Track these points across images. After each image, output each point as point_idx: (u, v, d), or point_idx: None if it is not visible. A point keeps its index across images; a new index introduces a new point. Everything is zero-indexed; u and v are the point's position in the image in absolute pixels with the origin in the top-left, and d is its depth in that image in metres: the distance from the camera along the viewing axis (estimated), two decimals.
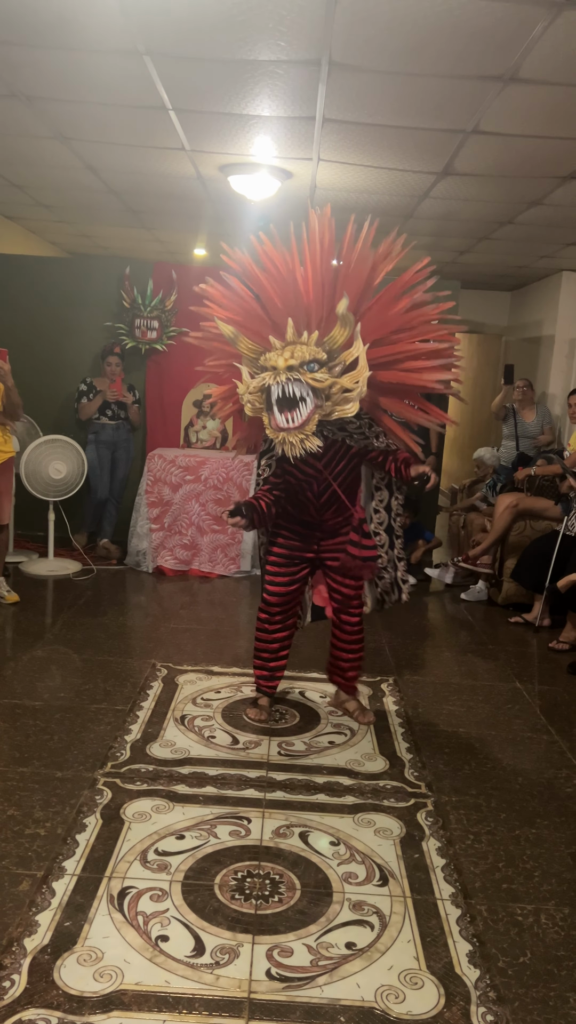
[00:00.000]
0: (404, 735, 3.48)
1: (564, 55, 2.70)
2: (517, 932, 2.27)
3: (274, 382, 2.88)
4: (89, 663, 4.14)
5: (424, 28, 2.57)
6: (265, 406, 2.97)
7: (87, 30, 2.76)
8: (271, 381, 2.89)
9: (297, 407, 2.89)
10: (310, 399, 2.90)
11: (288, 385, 2.87)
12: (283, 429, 2.92)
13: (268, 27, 2.65)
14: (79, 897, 2.30)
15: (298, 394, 2.88)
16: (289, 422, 2.90)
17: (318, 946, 2.16)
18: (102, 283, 6.81)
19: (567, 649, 4.71)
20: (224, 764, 3.13)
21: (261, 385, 2.93)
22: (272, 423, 2.95)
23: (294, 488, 3.29)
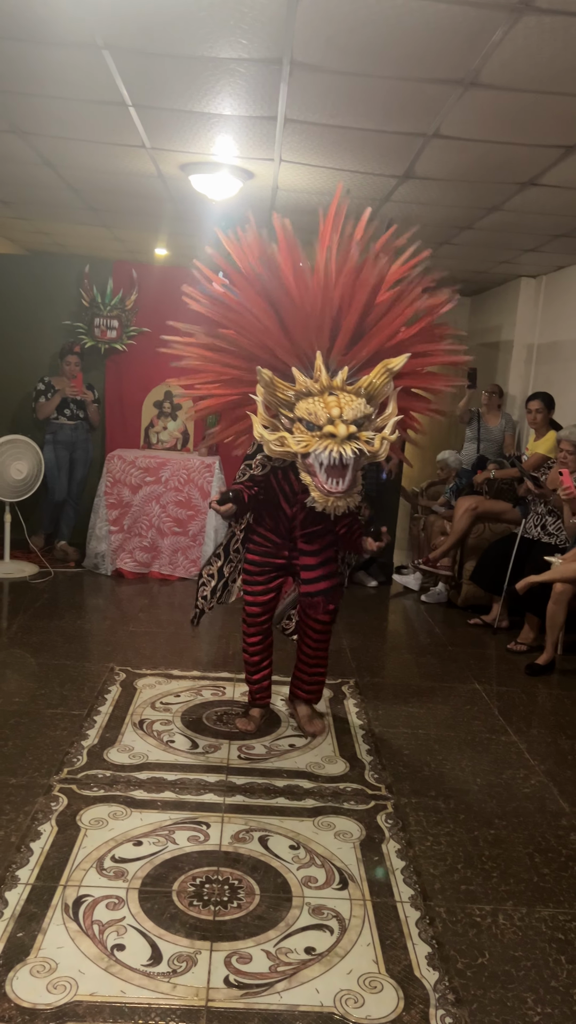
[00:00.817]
0: (364, 737, 3.48)
1: (524, 60, 2.72)
2: (475, 933, 2.27)
3: (333, 450, 2.65)
4: (45, 667, 4.06)
5: (385, 30, 2.57)
6: (300, 461, 2.78)
7: (44, 22, 2.71)
8: (328, 448, 2.65)
9: (348, 470, 2.72)
10: (354, 463, 2.72)
11: (345, 455, 2.65)
12: (333, 494, 2.73)
13: (229, 24, 2.63)
14: (32, 907, 2.24)
15: (351, 460, 2.69)
16: (338, 486, 2.72)
17: (277, 952, 2.14)
18: (61, 281, 6.72)
19: (525, 650, 4.76)
20: (183, 769, 3.09)
21: (312, 448, 2.69)
22: (317, 486, 2.75)
23: (273, 496, 3.20)
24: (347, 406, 2.69)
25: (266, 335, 2.85)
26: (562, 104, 3.08)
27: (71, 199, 5.17)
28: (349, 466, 2.71)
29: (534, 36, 2.55)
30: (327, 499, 2.76)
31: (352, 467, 2.72)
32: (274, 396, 2.76)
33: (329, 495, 2.74)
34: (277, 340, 2.84)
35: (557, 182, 4.06)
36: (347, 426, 2.65)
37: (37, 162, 4.36)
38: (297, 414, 2.74)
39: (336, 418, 2.66)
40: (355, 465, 2.73)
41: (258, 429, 2.81)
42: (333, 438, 2.65)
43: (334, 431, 2.64)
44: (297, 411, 2.74)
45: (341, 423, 2.65)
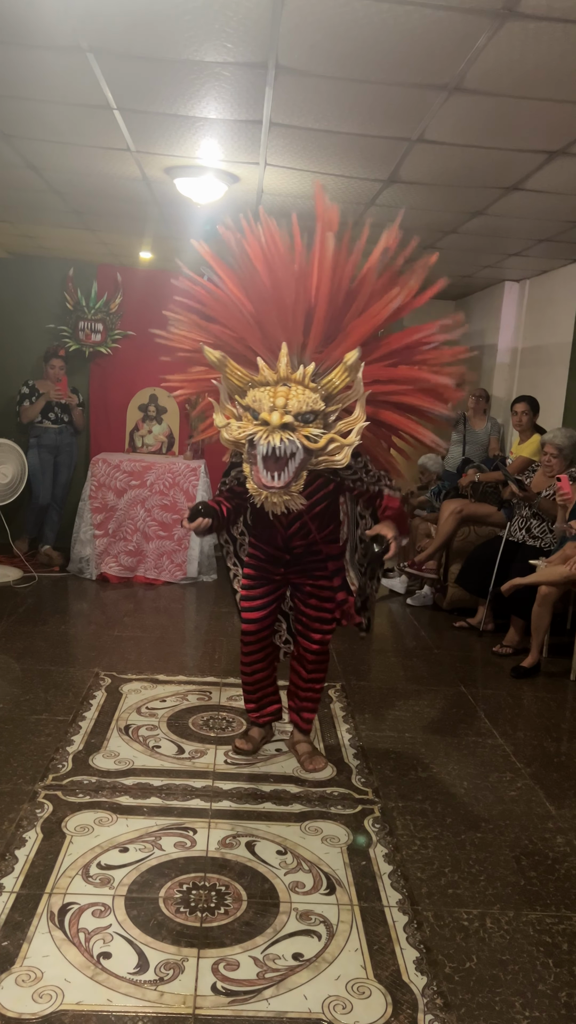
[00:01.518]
0: (351, 741, 3.47)
1: (507, 66, 2.73)
2: (463, 937, 2.27)
3: (263, 440, 2.53)
4: (29, 673, 4.03)
5: (370, 34, 2.58)
6: (246, 454, 2.65)
7: (28, 25, 2.69)
8: (261, 437, 2.54)
9: (286, 466, 2.56)
10: (300, 454, 2.56)
11: (279, 443, 2.52)
12: (267, 487, 2.58)
13: (214, 28, 2.62)
14: (17, 915, 2.22)
15: (288, 451, 2.54)
16: (275, 480, 2.56)
17: (265, 958, 2.13)
18: (45, 285, 6.69)
19: (510, 653, 4.77)
20: (169, 774, 3.08)
21: (246, 437, 2.60)
22: (254, 478, 2.62)
23: (261, 511, 2.95)
24: (294, 398, 2.54)
25: (243, 325, 2.75)
26: (546, 109, 3.10)
27: (55, 202, 5.14)
28: (289, 460, 2.54)
29: (518, 42, 2.56)
30: (260, 493, 2.62)
31: (295, 462, 2.55)
32: (227, 381, 2.64)
33: (264, 488, 2.59)
34: (250, 330, 2.73)
35: (541, 187, 4.08)
36: (281, 415, 2.50)
37: (21, 165, 4.33)
38: (246, 402, 2.63)
39: (278, 407, 2.52)
40: (300, 460, 2.56)
41: (217, 417, 2.70)
42: (267, 426, 2.52)
43: (267, 418, 2.51)
44: (246, 399, 2.63)
45: (276, 412, 2.51)
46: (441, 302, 9.10)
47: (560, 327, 6.15)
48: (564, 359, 5.99)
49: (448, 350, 2.83)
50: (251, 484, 2.65)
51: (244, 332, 2.74)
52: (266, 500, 2.64)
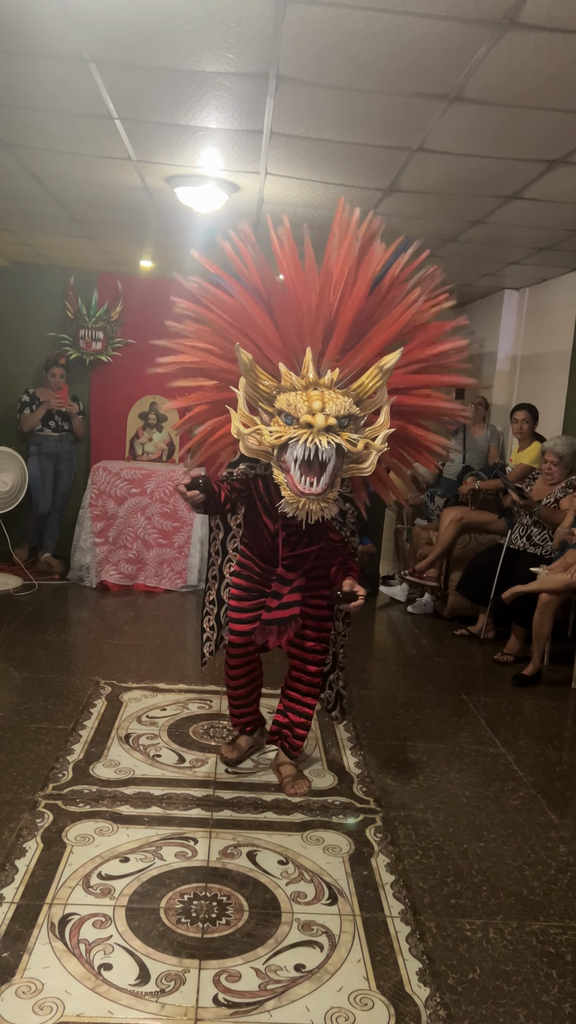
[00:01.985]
0: (352, 750, 3.46)
1: (507, 76, 2.75)
2: (466, 948, 2.25)
3: (307, 442, 2.43)
4: (29, 681, 4.02)
5: (371, 45, 2.59)
6: (276, 457, 2.56)
7: (30, 35, 2.71)
8: (303, 440, 2.44)
9: (324, 470, 2.48)
10: (333, 460, 2.49)
11: (326, 446, 2.43)
12: (304, 494, 2.49)
13: (216, 39, 2.63)
14: (18, 926, 2.21)
15: (328, 456, 2.46)
16: (312, 486, 2.48)
17: (266, 969, 2.12)
18: (45, 293, 6.70)
19: (511, 661, 4.76)
20: (170, 783, 3.06)
21: (286, 439, 2.49)
22: (290, 485, 2.51)
23: (254, 511, 2.93)
24: (331, 401, 2.48)
25: (256, 332, 2.66)
26: (545, 119, 3.11)
27: (56, 211, 5.16)
28: (327, 464, 2.48)
29: (518, 52, 2.57)
30: (298, 500, 2.52)
31: (331, 467, 2.50)
32: (254, 387, 2.55)
33: (301, 495, 2.50)
34: (267, 338, 2.65)
35: (540, 196, 4.09)
36: (326, 417, 2.43)
37: (22, 174, 4.35)
38: (277, 406, 2.55)
39: (316, 410, 2.45)
40: (334, 466, 2.51)
41: (235, 425, 2.60)
42: (310, 428, 2.44)
43: (311, 421, 2.43)
44: (277, 403, 2.55)
45: (320, 414, 2.44)
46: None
47: (560, 335, 6.16)
48: (564, 367, 6.00)
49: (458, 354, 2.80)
50: (287, 492, 2.54)
51: (259, 339, 2.66)
52: (301, 508, 2.54)
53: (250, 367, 2.50)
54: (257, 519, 2.93)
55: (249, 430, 2.57)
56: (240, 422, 2.59)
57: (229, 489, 2.89)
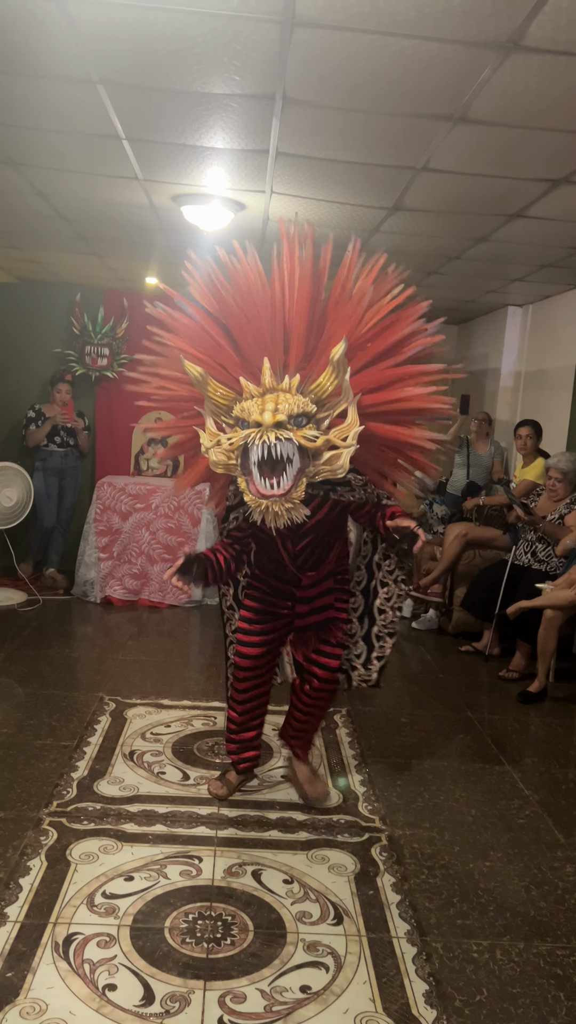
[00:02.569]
0: (357, 767, 3.45)
1: (511, 97, 2.77)
2: (473, 970, 2.24)
3: (257, 441, 2.42)
4: (33, 697, 4.02)
5: (376, 67, 2.62)
6: (240, 466, 2.52)
7: (39, 56, 2.74)
8: (253, 439, 2.42)
9: (284, 470, 2.44)
10: (296, 460, 2.44)
11: (273, 445, 2.41)
12: (266, 496, 2.45)
13: (223, 61, 2.67)
14: (22, 945, 2.20)
15: (284, 455, 2.42)
16: (273, 488, 2.44)
17: (272, 990, 2.10)
18: (51, 310, 6.75)
19: (516, 678, 4.75)
20: (174, 801, 3.05)
21: (240, 443, 2.47)
22: (251, 488, 2.48)
23: (266, 543, 2.85)
24: (284, 402, 2.44)
25: (217, 352, 2.64)
26: (548, 139, 3.14)
27: (63, 229, 5.20)
28: (286, 464, 2.42)
29: (521, 74, 2.60)
30: (260, 503, 2.46)
31: (293, 468, 2.43)
32: (212, 400, 2.53)
33: (262, 498, 2.45)
34: (228, 356, 2.63)
35: (543, 214, 4.12)
36: (273, 414, 2.40)
37: (30, 193, 4.39)
38: (234, 415, 2.52)
39: (268, 409, 2.42)
40: (297, 466, 2.44)
41: (203, 443, 2.58)
42: (259, 427, 2.41)
43: (259, 419, 2.40)
44: (234, 412, 2.52)
45: (267, 412, 2.41)
46: (444, 327, 9.18)
47: (563, 351, 6.18)
48: (568, 383, 6.02)
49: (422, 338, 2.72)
50: (249, 496, 2.51)
51: (220, 358, 2.64)
52: (267, 512, 2.50)
53: (202, 380, 2.48)
54: (271, 551, 2.85)
55: (211, 444, 2.54)
56: (204, 439, 2.57)
57: (230, 543, 2.85)
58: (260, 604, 2.96)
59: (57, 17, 2.45)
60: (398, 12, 2.25)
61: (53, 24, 2.50)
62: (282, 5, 2.27)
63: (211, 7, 2.31)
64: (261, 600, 2.96)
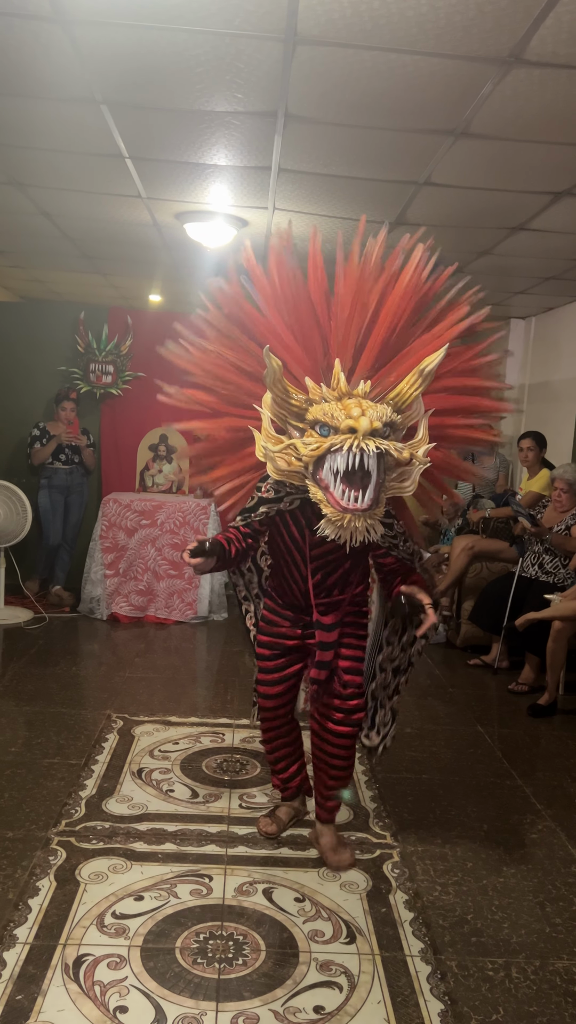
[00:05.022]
0: (367, 783, 3.42)
1: (513, 111, 2.79)
2: (488, 988, 2.20)
3: (354, 448, 2.23)
4: (41, 715, 4.00)
5: (378, 83, 2.64)
6: (311, 477, 2.36)
7: (44, 78, 2.77)
8: (348, 446, 2.23)
9: (369, 483, 2.28)
10: (376, 473, 2.28)
11: (365, 454, 2.24)
12: (349, 510, 2.28)
13: (225, 79, 2.69)
14: (32, 967, 2.18)
15: (373, 468, 2.26)
16: (357, 502, 2.27)
17: (285, 1011, 2.07)
18: (56, 328, 6.79)
19: (526, 691, 4.71)
20: (184, 819, 3.03)
21: (326, 448, 2.28)
22: (331, 501, 2.30)
23: (283, 556, 2.67)
24: (370, 408, 2.28)
25: (280, 346, 2.46)
26: (550, 152, 3.15)
27: (67, 248, 5.23)
28: (371, 476, 2.27)
29: (523, 88, 2.61)
30: (343, 517, 2.29)
31: (375, 479, 2.28)
32: (282, 401, 2.34)
33: (345, 511, 2.28)
34: (292, 352, 2.46)
35: (546, 227, 4.13)
36: (371, 420, 2.24)
37: (34, 212, 4.42)
38: (311, 417, 2.34)
39: (358, 416, 2.26)
40: (378, 479, 2.30)
41: (261, 445, 2.43)
42: (353, 433, 2.24)
43: (355, 424, 2.23)
44: (310, 415, 2.34)
45: (364, 417, 2.24)
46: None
47: (567, 363, 6.18)
48: (572, 395, 6.01)
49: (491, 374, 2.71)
50: (329, 509, 2.32)
51: (283, 354, 2.44)
52: (346, 527, 2.32)
53: (279, 375, 2.28)
54: (286, 562, 2.68)
55: (279, 447, 2.36)
56: (266, 441, 2.41)
57: (244, 536, 2.61)
58: (270, 638, 2.79)
59: (61, 39, 2.47)
60: (399, 28, 2.27)
61: (57, 46, 2.52)
62: (284, 23, 2.28)
63: (213, 26, 2.33)
64: (270, 633, 2.79)
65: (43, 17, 2.34)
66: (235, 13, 2.25)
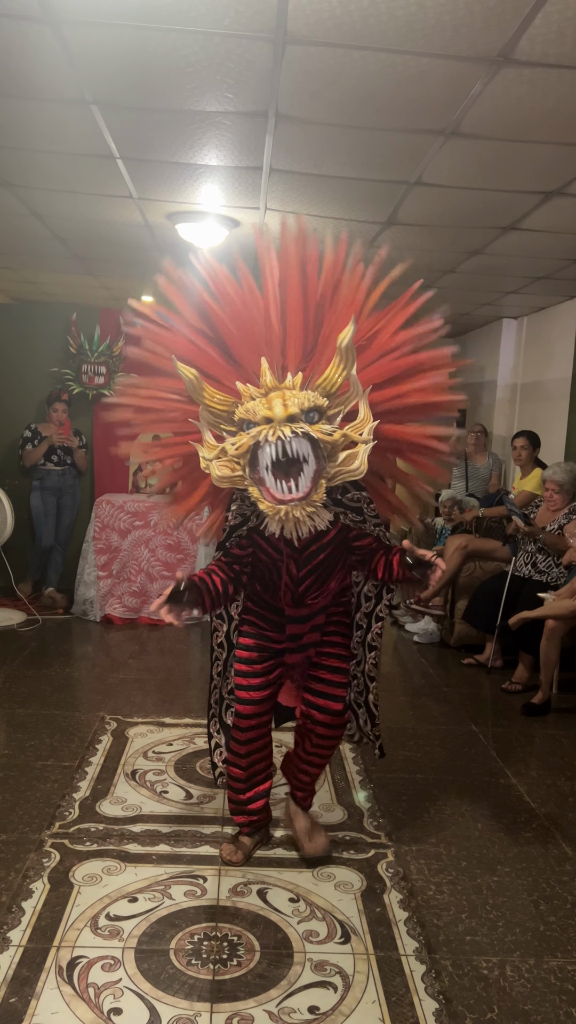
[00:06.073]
0: (362, 783, 3.42)
1: (502, 111, 2.80)
2: (483, 987, 2.20)
3: (271, 439, 2.21)
4: (34, 718, 3.99)
5: (368, 83, 2.64)
6: (248, 476, 2.32)
7: (34, 79, 2.76)
8: (267, 437, 2.22)
9: (301, 471, 2.24)
10: (312, 459, 2.25)
11: (289, 442, 2.21)
12: (284, 501, 2.25)
13: (215, 79, 2.69)
14: (25, 970, 2.17)
15: (301, 453, 2.23)
16: (292, 491, 2.25)
17: (280, 1012, 2.07)
18: (47, 329, 6.77)
19: (520, 690, 4.72)
20: (178, 820, 3.02)
21: (249, 444, 2.26)
22: (266, 495, 2.28)
23: (268, 567, 2.61)
24: (292, 398, 2.24)
25: (206, 361, 2.43)
26: (540, 151, 3.16)
27: (58, 249, 5.22)
28: (302, 463, 2.23)
29: (513, 87, 2.62)
30: (278, 510, 2.27)
31: (309, 467, 2.25)
32: (208, 408, 2.32)
33: (280, 503, 2.25)
34: (219, 366, 2.44)
35: (537, 226, 4.15)
36: (285, 407, 2.21)
37: (25, 214, 4.41)
38: (237, 418, 2.32)
39: (275, 407, 2.23)
40: (313, 467, 2.26)
41: (202, 457, 2.40)
42: (270, 423, 2.22)
43: (269, 414, 2.21)
44: (236, 416, 2.32)
45: (278, 406, 2.21)
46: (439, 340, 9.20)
47: (559, 362, 6.20)
48: (564, 394, 6.03)
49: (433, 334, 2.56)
50: (265, 504, 2.30)
51: (211, 368, 2.43)
52: (287, 519, 2.29)
53: (196, 383, 2.28)
54: (270, 574, 2.61)
55: (212, 454, 2.35)
56: (205, 452, 2.39)
57: (228, 563, 2.58)
58: (253, 640, 2.71)
59: (51, 40, 2.47)
60: (389, 28, 2.27)
61: (47, 47, 2.52)
62: (274, 23, 2.29)
63: (204, 26, 2.33)
64: (255, 636, 2.71)
65: (32, 17, 2.33)
66: (225, 13, 2.25)
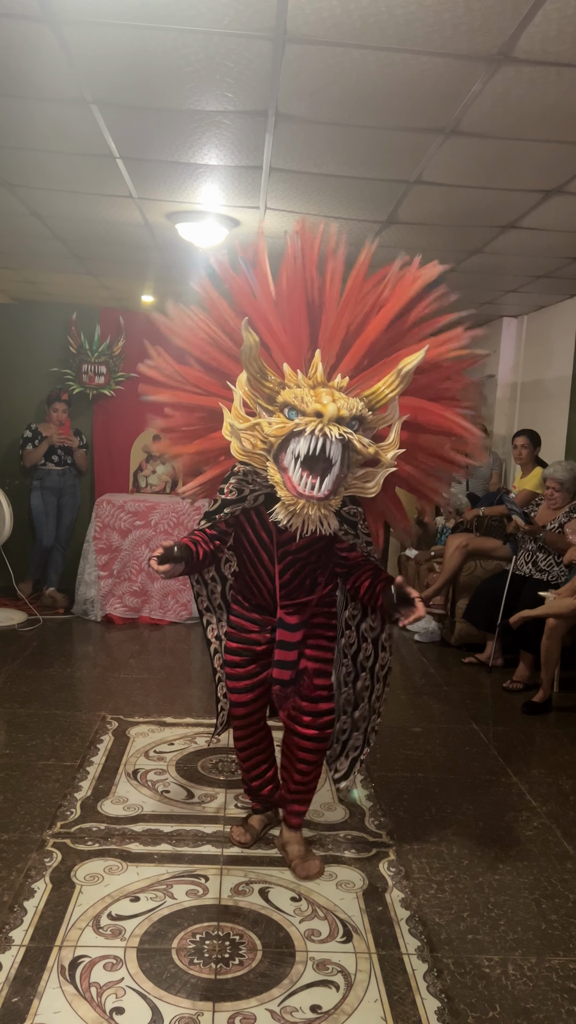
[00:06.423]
0: (363, 782, 3.42)
1: (503, 109, 2.79)
2: (485, 985, 2.20)
3: (317, 432, 2.21)
4: (35, 718, 3.99)
5: (368, 82, 2.63)
6: (273, 456, 2.33)
7: (33, 78, 2.76)
8: (314, 431, 2.21)
9: (328, 472, 2.26)
10: (340, 465, 2.27)
11: (332, 441, 2.22)
12: (304, 496, 2.27)
13: (215, 79, 2.68)
14: (27, 970, 2.17)
15: (334, 455, 2.24)
16: (314, 489, 2.26)
17: (282, 1011, 2.07)
18: (47, 329, 6.78)
19: (520, 688, 4.72)
20: (179, 820, 3.02)
21: (289, 429, 2.26)
22: (288, 485, 2.29)
23: (250, 556, 2.61)
24: (341, 399, 2.26)
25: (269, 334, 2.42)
26: (540, 150, 3.15)
27: (58, 249, 5.22)
28: (332, 465, 2.25)
29: (512, 85, 2.61)
30: (296, 502, 2.28)
31: (336, 470, 2.26)
32: (256, 380, 2.29)
33: (300, 496, 2.27)
34: (278, 340, 2.43)
35: (537, 225, 4.14)
36: (338, 408, 2.22)
37: (25, 213, 4.40)
38: (281, 400, 2.30)
39: (326, 403, 2.23)
40: (339, 471, 2.28)
41: (228, 423, 2.38)
42: (319, 418, 2.22)
43: (321, 409, 2.21)
44: (281, 397, 2.30)
45: (332, 404, 2.22)
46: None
47: (559, 361, 6.19)
48: (564, 393, 6.02)
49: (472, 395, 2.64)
50: (283, 492, 2.31)
51: (269, 339, 2.42)
52: (298, 513, 2.31)
53: (255, 352, 2.23)
54: (252, 563, 2.62)
55: (245, 425, 2.33)
56: (234, 419, 2.37)
57: (210, 538, 2.53)
58: (238, 644, 2.71)
59: (51, 39, 2.46)
60: (388, 26, 2.27)
61: (47, 46, 2.51)
62: (273, 22, 2.28)
63: (203, 25, 2.32)
64: (239, 640, 2.71)
65: (32, 17, 2.33)
66: (224, 12, 2.25)
